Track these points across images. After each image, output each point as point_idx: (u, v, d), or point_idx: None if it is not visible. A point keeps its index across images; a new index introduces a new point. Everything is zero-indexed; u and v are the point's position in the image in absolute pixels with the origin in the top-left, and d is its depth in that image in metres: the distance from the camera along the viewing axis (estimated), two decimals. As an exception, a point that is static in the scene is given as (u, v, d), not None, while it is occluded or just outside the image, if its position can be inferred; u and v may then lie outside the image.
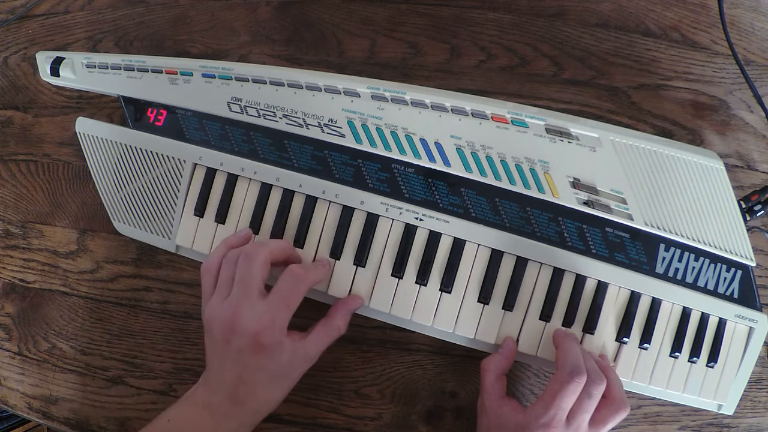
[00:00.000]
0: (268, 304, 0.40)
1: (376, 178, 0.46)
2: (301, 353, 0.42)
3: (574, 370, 0.39)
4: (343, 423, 0.49)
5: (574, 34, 0.52)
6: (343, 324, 0.44)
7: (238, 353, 0.40)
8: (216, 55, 0.55)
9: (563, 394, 0.38)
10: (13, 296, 0.55)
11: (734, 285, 0.45)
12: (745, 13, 0.53)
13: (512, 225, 0.45)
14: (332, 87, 0.46)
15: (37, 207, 0.56)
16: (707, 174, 0.43)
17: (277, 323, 0.40)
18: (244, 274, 0.41)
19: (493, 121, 0.44)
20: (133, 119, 0.51)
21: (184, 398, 0.43)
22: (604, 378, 0.40)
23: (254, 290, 0.40)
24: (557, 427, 0.38)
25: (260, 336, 0.39)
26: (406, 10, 0.54)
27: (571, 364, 0.39)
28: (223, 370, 0.41)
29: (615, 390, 0.41)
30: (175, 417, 0.42)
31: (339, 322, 0.44)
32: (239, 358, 0.40)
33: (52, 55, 0.53)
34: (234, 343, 0.40)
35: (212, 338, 0.42)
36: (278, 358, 0.41)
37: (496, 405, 0.42)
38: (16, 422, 0.92)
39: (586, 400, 0.39)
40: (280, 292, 0.41)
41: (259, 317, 0.40)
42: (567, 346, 0.41)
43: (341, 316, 0.44)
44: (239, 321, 0.40)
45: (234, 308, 0.40)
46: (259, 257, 0.41)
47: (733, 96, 0.51)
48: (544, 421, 0.38)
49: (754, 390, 0.49)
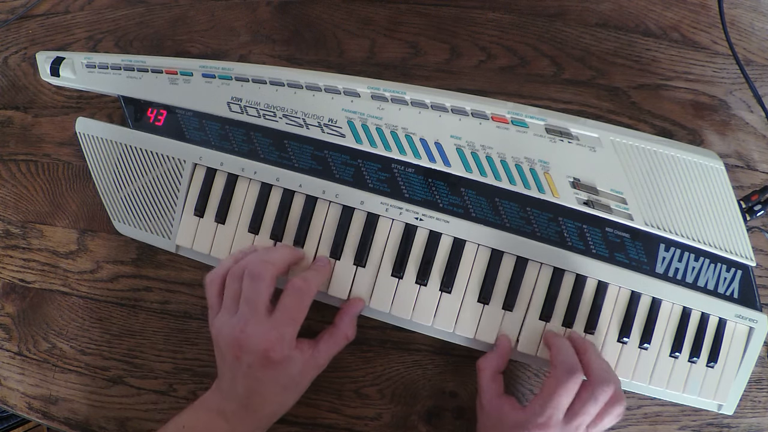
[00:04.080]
0: (274, 321, 0.40)
1: (376, 178, 0.46)
2: (312, 363, 0.42)
3: (569, 369, 0.39)
4: (343, 423, 0.49)
5: (574, 34, 0.52)
6: (351, 330, 0.45)
7: (248, 368, 0.40)
8: (216, 55, 0.55)
9: (560, 393, 0.38)
10: (13, 296, 0.55)
11: (734, 285, 0.45)
12: (745, 13, 0.53)
13: (512, 225, 0.45)
14: (332, 87, 0.46)
15: (37, 207, 0.56)
16: (707, 174, 0.43)
17: (286, 338, 0.40)
18: (250, 293, 0.41)
19: (493, 121, 0.44)
20: (133, 119, 0.51)
21: (198, 404, 0.43)
22: (611, 381, 0.39)
23: (261, 309, 0.40)
24: (554, 426, 0.38)
25: (269, 353, 0.40)
26: (406, 10, 0.54)
27: (566, 362, 0.39)
28: (235, 383, 0.41)
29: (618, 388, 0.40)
30: (189, 423, 0.42)
31: (346, 329, 0.44)
32: (250, 373, 0.40)
33: (52, 55, 0.53)
34: (244, 360, 0.40)
35: (222, 354, 0.42)
36: (289, 370, 0.41)
37: (495, 403, 0.42)
38: (16, 422, 0.92)
39: (590, 404, 0.38)
40: (286, 308, 0.41)
41: (266, 335, 0.40)
42: (559, 344, 0.41)
43: (347, 323, 0.44)
44: (247, 340, 0.40)
45: (242, 327, 0.40)
46: (265, 277, 0.41)
47: (733, 96, 0.51)
48: (542, 421, 0.38)
49: (754, 390, 0.49)
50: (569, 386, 0.38)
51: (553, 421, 0.38)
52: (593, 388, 0.39)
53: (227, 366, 0.42)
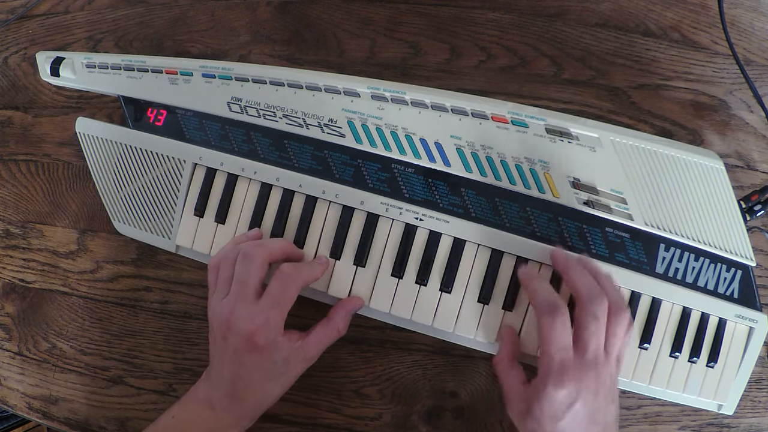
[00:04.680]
0: (261, 305, 0.41)
1: (376, 178, 0.46)
2: (300, 354, 0.42)
3: (551, 308, 0.38)
4: (343, 423, 0.49)
5: (574, 34, 0.52)
6: (343, 325, 0.44)
7: (234, 353, 0.41)
8: (216, 55, 0.55)
9: (553, 334, 0.37)
10: (13, 296, 0.55)
11: (734, 285, 0.45)
12: (745, 13, 0.53)
13: (512, 225, 0.45)
14: (332, 87, 0.46)
15: (37, 207, 0.56)
16: (707, 174, 0.43)
17: (271, 323, 0.41)
18: (241, 274, 0.41)
19: (493, 121, 0.44)
20: (133, 119, 0.51)
21: (188, 395, 0.44)
22: (603, 293, 0.38)
23: (250, 291, 0.41)
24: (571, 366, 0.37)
25: (255, 336, 0.40)
26: (406, 10, 0.54)
27: (545, 302, 0.38)
28: (222, 367, 0.42)
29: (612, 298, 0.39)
30: (178, 413, 0.43)
31: (339, 323, 0.44)
32: (235, 357, 0.41)
33: (52, 55, 0.53)
34: (230, 342, 0.41)
35: (213, 335, 0.43)
36: (274, 357, 0.41)
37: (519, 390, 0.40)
38: (16, 422, 0.92)
39: (593, 323, 0.37)
40: (272, 293, 0.41)
41: (252, 317, 0.40)
42: (534, 286, 0.40)
43: (341, 318, 0.44)
44: (234, 321, 0.41)
45: (230, 308, 0.41)
46: (256, 259, 0.41)
47: (733, 96, 0.51)
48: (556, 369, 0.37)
49: (754, 390, 0.49)
50: (557, 323, 0.37)
51: (566, 362, 0.37)
52: (586, 308, 0.38)
53: (217, 349, 0.43)
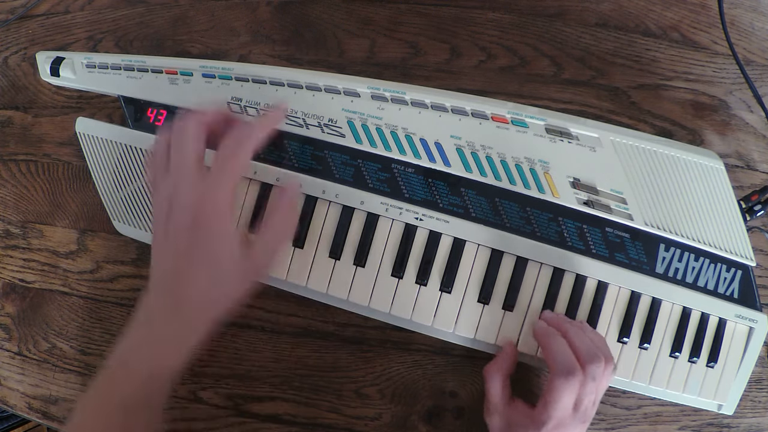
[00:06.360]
0: (206, 176, 0.37)
1: (376, 178, 0.46)
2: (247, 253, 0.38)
3: (569, 371, 0.39)
4: (343, 423, 0.49)
5: (574, 34, 0.52)
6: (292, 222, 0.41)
7: (176, 235, 0.37)
8: (216, 55, 0.55)
9: (564, 395, 0.39)
10: (13, 296, 0.55)
11: (734, 285, 0.45)
12: (745, 13, 0.53)
13: (512, 225, 0.45)
14: (332, 87, 0.46)
15: (37, 207, 0.56)
16: (707, 174, 0.43)
17: (219, 194, 0.37)
18: (176, 145, 0.38)
19: (493, 121, 0.44)
20: (133, 119, 0.51)
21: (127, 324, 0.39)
22: (601, 357, 0.39)
23: (189, 160, 0.37)
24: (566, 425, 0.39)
25: (200, 208, 0.36)
26: (406, 10, 0.54)
27: (564, 363, 0.39)
28: (163, 261, 0.38)
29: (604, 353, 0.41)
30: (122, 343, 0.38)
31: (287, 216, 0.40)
32: (178, 242, 0.37)
33: (52, 55, 0.53)
34: (172, 223, 0.37)
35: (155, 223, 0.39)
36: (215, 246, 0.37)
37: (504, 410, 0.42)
38: (16, 422, 0.92)
39: (590, 385, 0.39)
40: (218, 159, 0.38)
41: (195, 186, 0.37)
42: (553, 345, 0.41)
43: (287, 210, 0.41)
44: (176, 195, 0.37)
45: (173, 182, 0.38)
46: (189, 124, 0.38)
47: (733, 96, 0.51)
48: (554, 423, 0.39)
49: (754, 390, 0.49)
50: (570, 386, 0.39)
51: (567, 419, 0.39)
52: (587, 369, 0.39)
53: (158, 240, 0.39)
